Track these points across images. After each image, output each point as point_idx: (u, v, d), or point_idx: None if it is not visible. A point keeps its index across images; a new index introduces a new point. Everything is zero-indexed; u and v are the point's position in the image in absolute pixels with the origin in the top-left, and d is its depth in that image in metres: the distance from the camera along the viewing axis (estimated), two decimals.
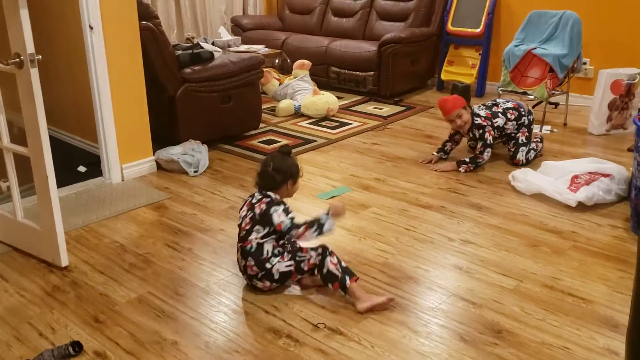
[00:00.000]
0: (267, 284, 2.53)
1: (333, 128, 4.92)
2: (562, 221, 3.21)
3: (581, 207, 3.31)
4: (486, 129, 3.88)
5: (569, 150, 4.28)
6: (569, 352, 2.18)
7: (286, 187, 2.64)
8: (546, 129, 4.73)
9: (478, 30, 5.70)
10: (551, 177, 3.57)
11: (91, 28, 3.54)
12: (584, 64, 5.24)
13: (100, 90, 3.65)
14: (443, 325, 2.35)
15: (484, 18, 5.66)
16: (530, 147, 4.02)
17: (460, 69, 5.90)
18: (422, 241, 3.03)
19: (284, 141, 4.53)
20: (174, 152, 4.00)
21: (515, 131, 3.99)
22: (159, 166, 4.04)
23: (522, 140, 3.98)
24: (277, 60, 6.17)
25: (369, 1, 6.39)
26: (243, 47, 6.01)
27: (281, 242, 2.56)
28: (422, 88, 6.23)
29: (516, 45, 4.69)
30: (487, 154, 3.90)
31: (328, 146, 4.50)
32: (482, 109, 4.00)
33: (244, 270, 2.57)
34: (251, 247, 2.51)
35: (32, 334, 2.34)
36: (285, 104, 5.29)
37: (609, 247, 2.93)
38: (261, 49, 6.02)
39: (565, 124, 4.88)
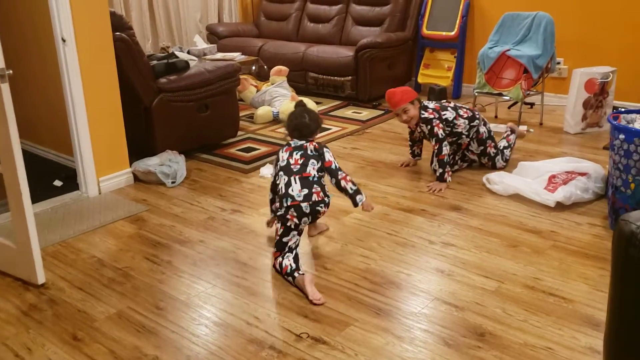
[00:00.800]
0: (325, 209, 2.82)
1: None
2: (541, 221, 3.23)
3: (560, 206, 3.34)
4: (434, 123, 3.72)
5: (546, 150, 4.31)
6: (552, 352, 2.19)
7: (315, 136, 3.01)
8: (523, 129, 4.76)
9: (452, 33, 5.74)
10: (528, 178, 3.59)
11: (64, 41, 3.49)
12: (558, 63, 5.30)
13: (75, 103, 3.60)
14: (426, 330, 2.35)
15: (458, 21, 5.70)
16: (503, 148, 4.03)
17: (437, 72, 5.93)
18: (403, 245, 3.02)
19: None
20: (151, 164, 3.95)
21: (467, 134, 3.83)
22: (136, 178, 3.99)
23: (493, 152, 3.94)
24: (254, 67, 6.16)
25: (345, 7, 6.40)
26: (219, 55, 5.98)
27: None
28: None
29: (490, 47, 4.72)
30: (445, 148, 3.71)
31: None
32: (432, 103, 3.87)
33: (307, 198, 2.73)
34: (314, 177, 2.79)
35: (7, 355, 2.29)
36: (263, 111, 5.27)
37: (588, 245, 2.95)
38: (237, 56, 6.00)
39: (541, 124, 4.92)
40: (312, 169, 2.80)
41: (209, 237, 3.17)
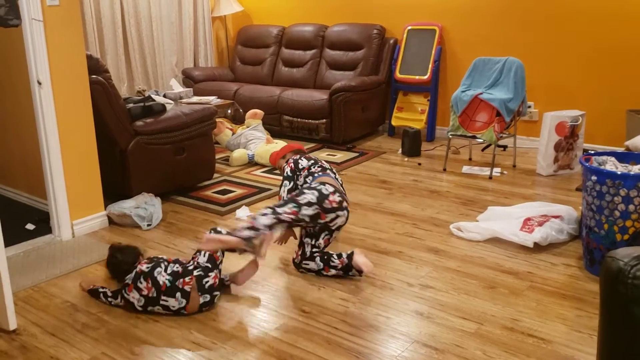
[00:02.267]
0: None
1: None
2: (517, 262, 3.26)
3: (535, 247, 3.38)
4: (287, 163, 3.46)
5: (520, 192, 4.38)
6: None
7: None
8: (497, 171, 4.84)
9: (425, 77, 5.86)
10: (499, 222, 3.63)
11: (39, 83, 3.48)
12: (529, 107, 5.44)
13: (49, 146, 3.57)
14: None
15: (430, 65, 5.83)
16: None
17: (410, 114, 6.03)
18: (381, 288, 3.01)
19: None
20: (127, 206, 3.91)
21: (307, 191, 3.07)
22: (111, 221, 3.94)
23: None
24: (229, 111, 6.19)
25: (319, 52, 6.52)
26: (195, 99, 6.01)
27: None
28: (374, 134, 6.33)
29: (463, 91, 4.83)
30: (282, 190, 3.35)
31: None
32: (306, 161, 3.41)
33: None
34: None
35: None
36: (238, 154, 5.28)
37: (565, 285, 2.98)
38: (213, 99, 6.03)
39: (514, 166, 5.01)
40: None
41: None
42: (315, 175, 3.27)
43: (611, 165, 3.07)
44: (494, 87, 4.80)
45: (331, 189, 3.09)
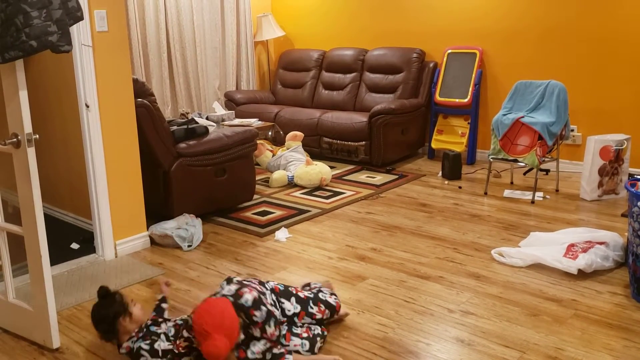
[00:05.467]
0: None
1: (327, 197, 4.93)
2: (561, 289, 3.18)
3: (580, 275, 3.29)
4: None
5: (563, 217, 4.29)
6: None
7: (123, 325, 2.56)
8: (539, 195, 4.76)
9: (465, 100, 5.83)
10: (542, 248, 3.56)
11: (87, 106, 3.58)
12: (572, 130, 5.34)
13: (95, 167, 3.66)
14: None
15: (470, 89, 5.80)
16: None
17: (450, 137, 6.00)
18: (421, 313, 2.98)
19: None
20: (168, 227, 3.97)
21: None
22: (153, 241, 4.00)
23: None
24: (270, 133, 6.26)
25: (359, 75, 6.55)
26: (237, 121, 6.10)
27: None
28: (414, 156, 6.31)
29: (504, 115, 4.78)
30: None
31: (322, 216, 4.50)
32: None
33: None
34: None
35: None
36: (278, 175, 5.32)
37: (611, 314, 2.90)
38: (254, 122, 6.11)
39: (557, 190, 4.92)
40: None
41: None
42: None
43: None
44: (535, 111, 4.74)
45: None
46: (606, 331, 2.75)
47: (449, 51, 6.02)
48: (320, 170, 5.26)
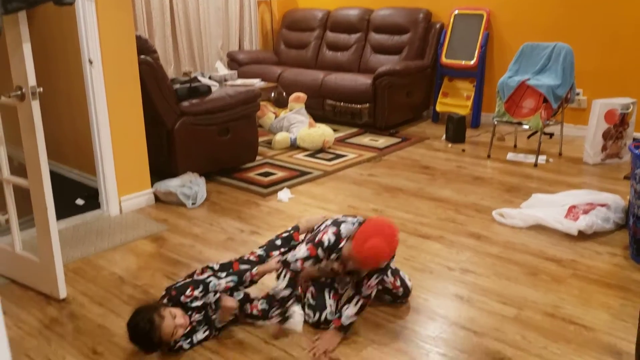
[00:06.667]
0: None
1: (329, 160, 4.94)
2: (561, 249, 3.21)
3: (580, 236, 3.32)
4: None
5: (565, 180, 4.30)
6: None
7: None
8: (542, 158, 4.76)
9: (472, 62, 5.78)
10: (544, 209, 3.58)
11: (91, 62, 3.57)
12: (577, 94, 5.31)
13: (99, 124, 3.67)
14: (444, 354, 2.34)
15: (477, 51, 5.75)
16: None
17: (455, 100, 5.97)
18: (421, 271, 3.02)
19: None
20: (172, 185, 4.00)
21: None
22: (157, 198, 4.04)
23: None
24: (273, 94, 6.23)
25: (364, 35, 6.49)
26: (239, 81, 6.07)
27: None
28: (418, 119, 6.29)
29: (510, 77, 4.75)
30: None
31: (324, 178, 4.52)
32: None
33: None
34: None
35: None
36: (281, 137, 5.32)
37: (609, 274, 2.93)
38: (257, 82, 6.09)
39: (560, 154, 4.92)
40: None
41: (228, 257, 3.16)
42: None
43: None
44: (541, 73, 4.70)
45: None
46: (604, 290, 2.79)
47: (456, 12, 5.95)
48: (323, 132, 5.25)
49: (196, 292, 2.44)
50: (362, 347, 2.39)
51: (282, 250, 2.74)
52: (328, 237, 2.42)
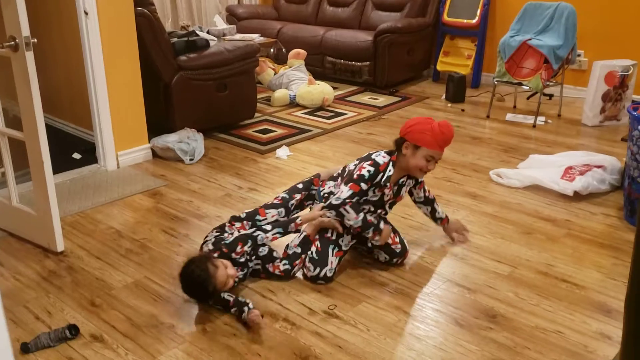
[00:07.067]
0: None
1: (328, 118, 4.92)
2: (556, 210, 3.23)
3: (575, 196, 3.33)
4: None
5: (563, 141, 4.30)
6: (563, 336, 2.20)
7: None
8: (541, 119, 4.75)
9: (474, 21, 5.70)
10: (541, 170, 3.58)
11: (86, 13, 3.52)
12: (579, 55, 5.26)
13: (96, 77, 3.64)
14: (438, 309, 2.37)
15: (479, 9, 5.66)
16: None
17: (456, 59, 5.91)
18: (417, 229, 3.04)
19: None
20: (170, 140, 3.99)
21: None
22: (155, 154, 4.03)
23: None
24: (272, 50, 6.16)
25: None
26: (238, 36, 5.99)
27: None
28: (418, 79, 6.24)
29: (512, 36, 4.69)
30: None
31: (323, 136, 4.51)
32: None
33: None
34: None
35: (28, 317, 2.34)
36: (280, 94, 5.29)
37: (603, 235, 2.96)
38: (256, 37, 6.01)
39: (559, 115, 4.90)
40: None
41: (226, 213, 3.19)
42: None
43: None
44: (543, 33, 4.65)
45: None
46: (597, 250, 2.81)
47: None
48: (323, 90, 5.22)
49: (245, 247, 2.49)
50: (357, 302, 2.42)
51: (303, 193, 2.81)
52: (366, 169, 2.53)
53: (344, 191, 2.52)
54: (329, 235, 2.61)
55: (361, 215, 2.53)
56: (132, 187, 3.55)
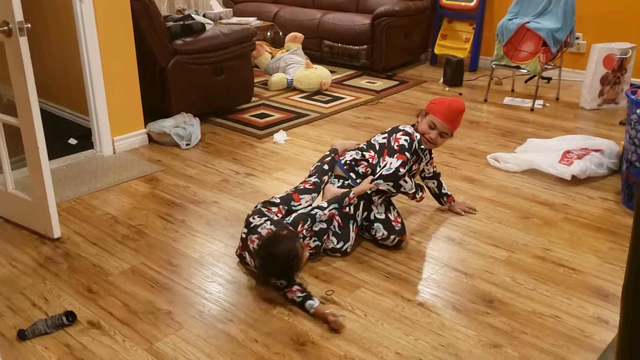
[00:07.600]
0: None
1: (326, 102, 4.90)
2: (553, 194, 3.22)
3: (573, 180, 3.33)
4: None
5: (561, 125, 4.28)
6: (560, 320, 2.21)
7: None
8: (539, 103, 4.73)
9: (472, 4, 5.66)
10: (538, 154, 3.57)
11: None
12: (577, 38, 5.23)
13: (91, 62, 3.60)
14: (435, 294, 2.37)
15: None
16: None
17: (454, 43, 5.87)
18: (415, 213, 3.04)
19: None
20: (166, 125, 3.97)
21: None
22: (151, 139, 4.01)
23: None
24: (269, 33, 6.12)
25: None
26: (234, 20, 5.94)
27: None
28: (416, 62, 6.20)
29: (510, 19, 4.66)
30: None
31: (321, 120, 4.49)
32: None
33: None
34: None
35: (25, 304, 2.34)
36: (277, 78, 5.25)
37: (600, 219, 2.95)
38: (253, 21, 5.96)
39: (557, 99, 4.88)
40: None
41: (222, 199, 3.19)
42: None
43: None
44: (542, 16, 4.61)
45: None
46: (594, 234, 2.81)
47: None
48: (320, 74, 5.19)
49: (306, 226, 2.53)
50: (355, 287, 2.42)
51: (330, 173, 2.83)
52: (403, 139, 2.72)
53: (393, 162, 2.66)
54: (347, 210, 2.67)
55: (412, 181, 2.75)
56: (128, 172, 3.53)
